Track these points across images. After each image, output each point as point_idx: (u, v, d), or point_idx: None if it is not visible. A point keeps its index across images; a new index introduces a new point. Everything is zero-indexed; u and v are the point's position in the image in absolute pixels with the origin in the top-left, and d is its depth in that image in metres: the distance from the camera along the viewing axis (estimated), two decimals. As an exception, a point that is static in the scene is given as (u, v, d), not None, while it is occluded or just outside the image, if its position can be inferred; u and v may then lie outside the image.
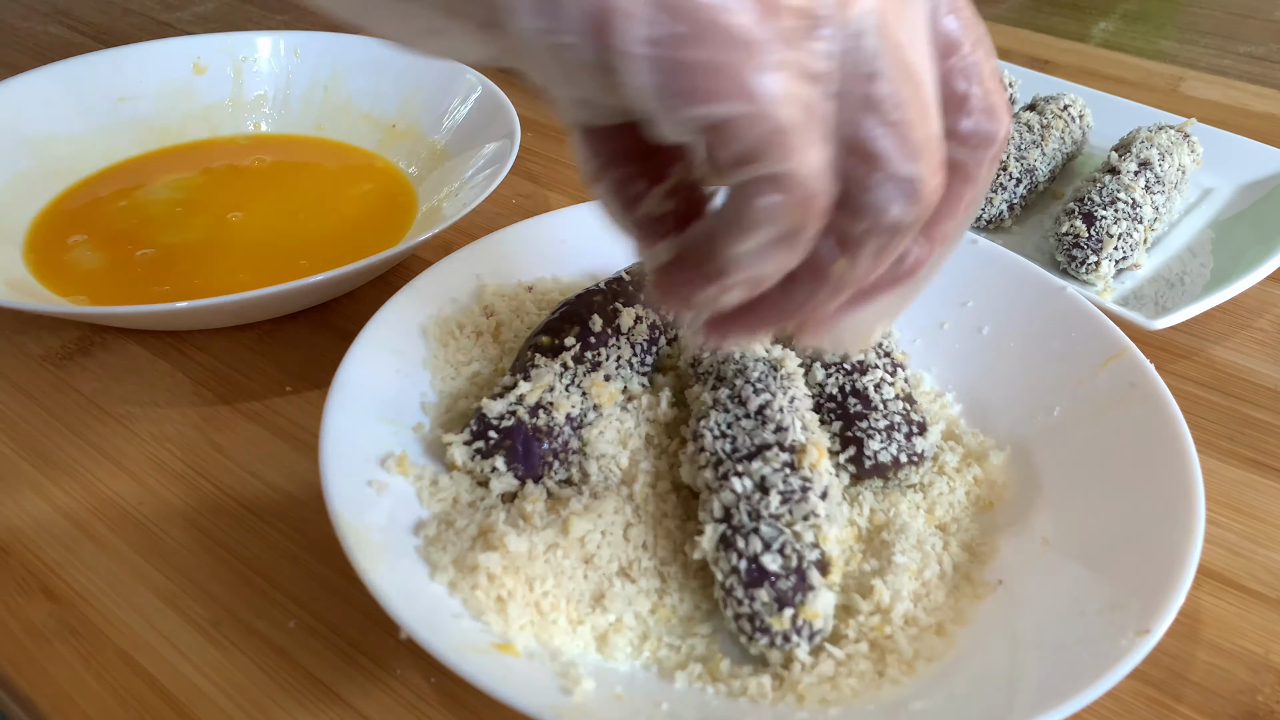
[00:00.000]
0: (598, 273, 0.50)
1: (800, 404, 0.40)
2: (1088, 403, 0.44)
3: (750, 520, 0.35)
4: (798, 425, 0.38)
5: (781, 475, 0.36)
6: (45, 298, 0.53)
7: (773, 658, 0.35)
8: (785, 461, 0.37)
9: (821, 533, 0.35)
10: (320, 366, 0.51)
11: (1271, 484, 0.46)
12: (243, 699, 0.36)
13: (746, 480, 0.36)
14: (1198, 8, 1.07)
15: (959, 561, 0.39)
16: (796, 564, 0.34)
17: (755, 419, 0.39)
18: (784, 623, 0.34)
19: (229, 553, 0.42)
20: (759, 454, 0.37)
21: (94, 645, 0.38)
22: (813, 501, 0.36)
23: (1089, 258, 0.55)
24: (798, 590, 0.34)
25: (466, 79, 0.66)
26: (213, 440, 0.47)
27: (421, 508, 0.39)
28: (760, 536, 0.35)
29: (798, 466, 0.37)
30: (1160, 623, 0.32)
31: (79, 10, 0.96)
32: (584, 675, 0.33)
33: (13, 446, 0.47)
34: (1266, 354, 0.54)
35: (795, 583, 0.34)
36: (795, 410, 0.39)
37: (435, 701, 0.36)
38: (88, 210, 0.61)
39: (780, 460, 0.37)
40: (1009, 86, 0.70)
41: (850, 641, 0.36)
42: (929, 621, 0.37)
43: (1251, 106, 0.81)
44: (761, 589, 0.34)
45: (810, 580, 0.34)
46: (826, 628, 0.35)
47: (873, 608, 0.37)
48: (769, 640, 0.34)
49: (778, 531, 0.35)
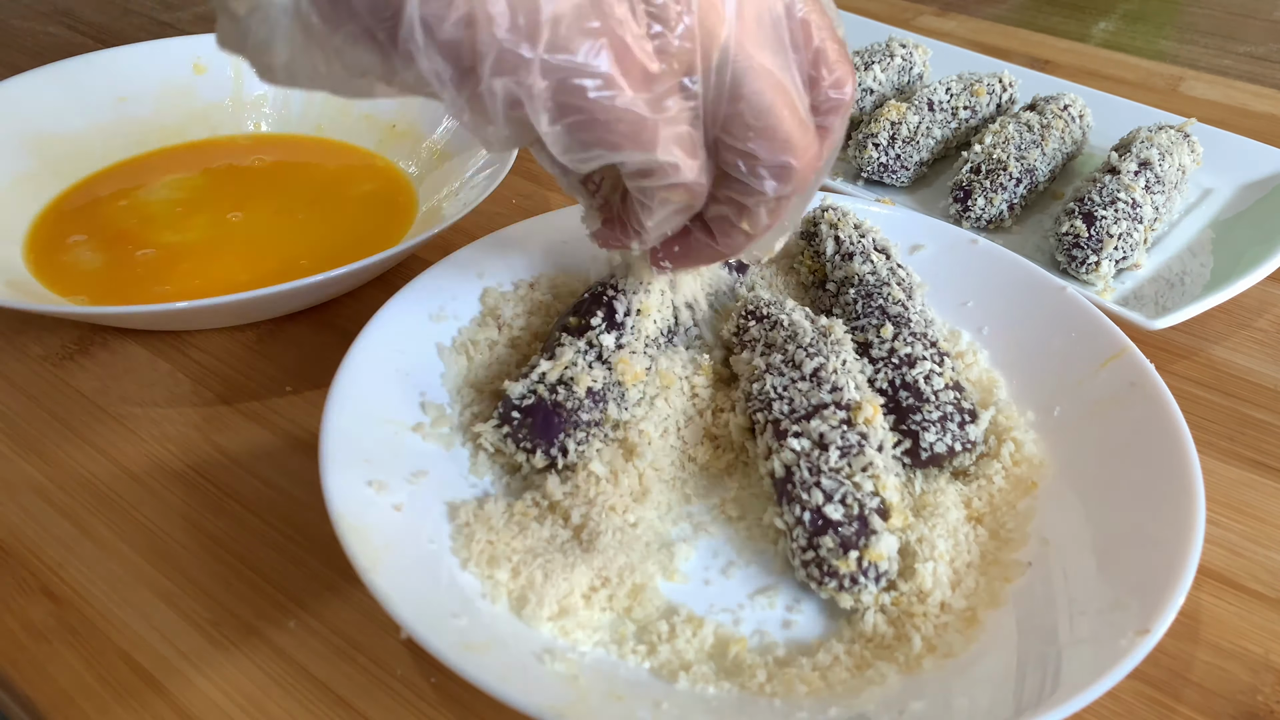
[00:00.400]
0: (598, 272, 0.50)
1: (851, 366, 0.42)
2: (1088, 403, 0.44)
3: (811, 475, 0.37)
4: (851, 385, 0.40)
5: (840, 432, 0.38)
6: (45, 298, 0.53)
7: (844, 601, 0.37)
8: (842, 419, 0.39)
9: (880, 482, 0.37)
10: (320, 366, 0.51)
11: (1271, 484, 0.46)
12: (243, 699, 0.36)
13: (805, 439, 0.38)
14: (1198, 8, 1.07)
15: (987, 549, 0.40)
16: (858, 511, 0.36)
17: (811, 380, 0.41)
18: (850, 565, 0.36)
19: (229, 553, 0.42)
20: (816, 413, 0.39)
21: (94, 645, 0.38)
22: (869, 454, 0.38)
23: (1089, 258, 0.56)
24: (860, 534, 0.36)
25: (466, 79, 0.66)
26: (213, 440, 0.47)
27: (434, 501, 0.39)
28: (821, 489, 0.37)
29: (854, 423, 0.39)
30: (1160, 623, 0.32)
31: (79, 10, 0.96)
32: (584, 675, 0.33)
33: (13, 446, 0.47)
34: (1266, 354, 0.54)
35: (858, 528, 0.36)
36: (848, 371, 0.41)
37: (435, 701, 0.36)
38: (88, 210, 0.61)
39: (837, 418, 0.39)
40: (1009, 87, 0.70)
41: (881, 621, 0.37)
42: (964, 605, 0.37)
43: (1251, 106, 0.81)
44: (826, 536, 0.36)
45: (872, 525, 0.36)
46: (892, 569, 0.37)
47: (914, 589, 0.37)
48: (837, 583, 0.36)
49: (838, 483, 0.37)
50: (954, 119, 0.67)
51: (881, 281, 0.47)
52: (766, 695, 0.34)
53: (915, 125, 0.64)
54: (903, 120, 0.64)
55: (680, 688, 0.34)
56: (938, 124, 0.66)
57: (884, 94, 0.71)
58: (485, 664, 0.32)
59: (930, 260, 0.52)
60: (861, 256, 0.48)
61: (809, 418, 0.39)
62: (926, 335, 0.45)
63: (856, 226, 0.50)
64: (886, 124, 0.64)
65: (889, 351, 0.44)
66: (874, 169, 0.64)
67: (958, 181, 0.62)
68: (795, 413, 0.39)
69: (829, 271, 0.49)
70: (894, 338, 0.44)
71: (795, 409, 0.40)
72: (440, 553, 0.37)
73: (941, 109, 0.66)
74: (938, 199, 0.65)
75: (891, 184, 0.65)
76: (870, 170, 0.64)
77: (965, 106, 0.67)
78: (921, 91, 0.67)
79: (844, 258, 0.48)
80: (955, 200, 0.61)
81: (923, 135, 0.65)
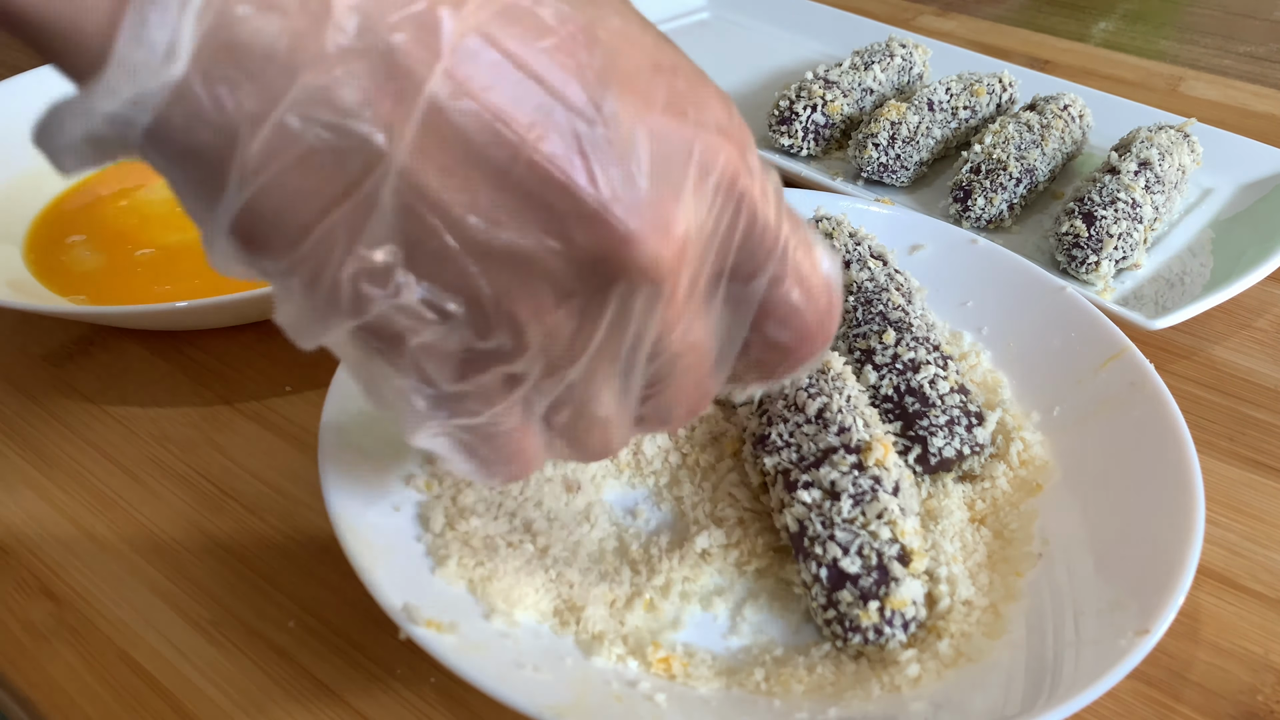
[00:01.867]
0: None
1: (857, 400, 0.40)
2: (1087, 403, 0.44)
3: (825, 529, 0.36)
4: (859, 423, 0.39)
5: (850, 478, 0.37)
6: (45, 297, 0.53)
7: (871, 654, 0.35)
8: (853, 463, 0.37)
9: (898, 528, 0.36)
10: (320, 366, 0.51)
11: (1271, 484, 0.46)
12: (243, 699, 0.36)
13: (815, 490, 0.37)
14: (1198, 8, 1.07)
15: (993, 549, 0.40)
16: (877, 561, 0.35)
17: (816, 423, 0.39)
18: (872, 616, 0.34)
19: (229, 553, 0.42)
20: (825, 459, 0.38)
21: (94, 645, 0.38)
22: (884, 499, 0.36)
23: (1089, 257, 0.55)
24: (880, 584, 0.35)
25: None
26: (213, 440, 0.47)
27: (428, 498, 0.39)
28: (837, 542, 0.35)
29: (865, 465, 0.37)
30: (1160, 623, 0.32)
31: (79, 10, 0.96)
32: (584, 675, 0.33)
33: (13, 446, 0.47)
34: (1266, 354, 0.54)
35: (877, 577, 0.35)
36: (854, 409, 0.39)
37: (435, 701, 0.36)
38: (88, 210, 0.61)
39: (848, 463, 0.37)
40: (1009, 87, 0.70)
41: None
42: (983, 602, 0.37)
43: (1251, 106, 0.81)
44: (844, 590, 0.35)
45: (893, 572, 0.35)
46: (920, 614, 0.35)
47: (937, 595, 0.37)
48: (862, 637, 0.35)
49: (853, 535, 0.35)
50: (954, 119, 0.67)
51: (880, 288, 0.46)
52: (765, 695, 0.34)
53: (915, 125, 0.64)
54: (903, 120, 0.64)
55: (680, 688, 0.34)
56: (938, 124, 0.66)
57: (884, 94, 0.71)
58: (485, 664, 0.32)
59: (930, 260, 0.52)
60: (859, 264, 0.48)
61: (818, 464, 0.37)
62: (929, 339, 0.45)
63: (852, 234, 0.49)
64: (886, 124, 0.64)
65: (892, 358, 0.44)
66: (874, 169, 0.64)
67: (957, 181, 0.62)
68: (804, 460, 0.38)
69: None
70: (896, 343, 0.44)
71: (804, 456, 0.38)
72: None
73: (941, 109, 0.66)
74: (938, 199, 0.65)
75: (891, 184, 0.65)
76: (870, 170, 0.64)
77: (965, 106, 0.67)
78: (921, 91, 0.67)
79: (841, 266, 0.48)
80: (955, 200, 0.61)
81: (923, 135, 0.65)
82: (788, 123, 0.66)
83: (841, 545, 0.35)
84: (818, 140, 0.67)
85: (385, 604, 0.32)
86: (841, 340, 0.46)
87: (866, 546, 0.35)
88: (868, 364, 0.44)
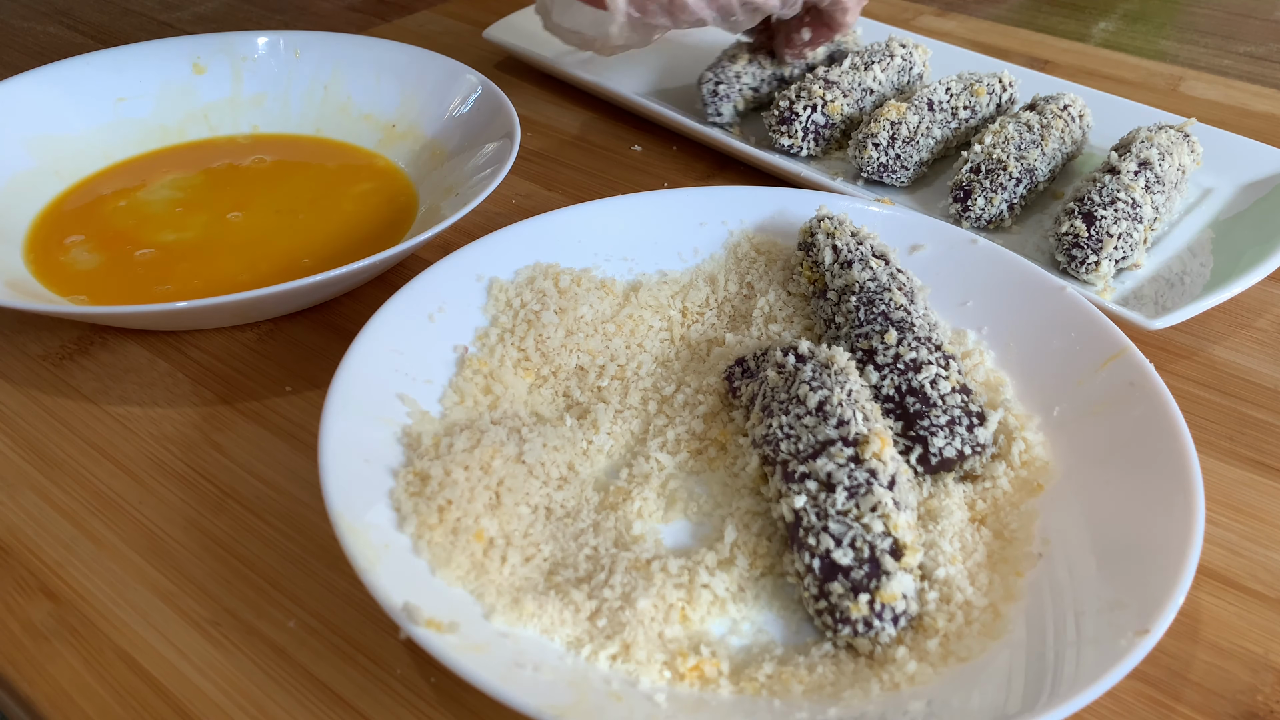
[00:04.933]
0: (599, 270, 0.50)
1: (858, 395, 0.41)
2: (1087, 403, 0.44)
3: (819, 520, 0.36)
4: (859, 417, 0.39)
5: (846, 470, 0.37)
6: (45, 298, 0.53)
7: (861, 646, 0.36)
8: (850, 456, 0.38)
9: (891, 521, 0.36)
10: (320, 366, 0.51)
11: (1271, 484, 0.46)
12: (243, 699, 0.36)
13: (811, 482, 0.37)
14: (1198, 8, 1.07)
15: (993, 549, 0.40)
16: (869, 553, 0.35)
17: (816, 415, 0.39)
18: (862, 608, 0.35)
19: (229, 553, 0.42)
20: (823, 451, 0.38)
21: (94, 645, 0.38)
22: (879, 493, 0.36)
23: (1089, 257, 0.55)
24: (871, 576, 0.35)
25: (466, 79, 0.66)
26: (213, 440, 0.47)
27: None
28: (830, 533, 0.36)
29: (862, 458, 0.38)
30: (1160, 623, 0.32)
31: (79, 10, 0.96)
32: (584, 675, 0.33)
33: (13, 446, 0.47)
34: (1266, 354, 0.54)
35: (868, 570, 0.35)
36: (854, 402, 0.40)
37: (435, 701, 0.36)
38: (87, 210, 0.61)
39: (845, 455, 0.38)
40: (1009, 87, 0.70)
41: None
42: (983, 602, 0.37)
43: (1251, 106, 0.81)
44: (835, 582, 0.35)
45: (884, 566, 0.35)
46: (911, 609, 0.36)
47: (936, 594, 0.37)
48: (851, 629, 0.35)
49: (846, 527, 0.36)
50: (954, 119, 0.67)
51: (882, 287, 0.47)
52: (765, 695, 0.34)
53: (915, 125, 0.64)
54: (902, 120, 0.64)
55: (680, 688, 0.34)
56: (938, 124, 0.66)
57: (884, 94, 0.71)
58: (485, 664, 0.32)
59: (930, 260, 0.52)
60: (860, 263, 0.48)
61: (815, 456, 0.38)
62: (931, 339, 0.45)
63: (854, 234, 0.50)
64: (886, 124, 0.64)
65: (894, 357, 0.44)
66: (874, 169, 0.64)
67: (957, 181, 0.62)
68: (802, 451, 0.38)
69: (829, 281, 0.49)
70: (898, 343, 0.44)
71: (802, 447, 0.38)
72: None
73: (941, 109, 0.66)
74: (937, 199, 0.65)
75: (891, 184, 0.65)
76: (870, 170, 0.64)
77: (965, 106, 0.67)
78: (921, 91, 0.67)
79: (843, 266, 0.48)
80: (955, 200, 0.61)
81: (922, 135, 0.65)
82: (788, 123, 0.66)
83: (835, 537, 0.36)
84: (818, 140, 0.67)
85: (385, 604, 0.32)
86: (843, 340, 0.46)
87: (859, 539, 0.36)
88: (869, 364, 0.44)
